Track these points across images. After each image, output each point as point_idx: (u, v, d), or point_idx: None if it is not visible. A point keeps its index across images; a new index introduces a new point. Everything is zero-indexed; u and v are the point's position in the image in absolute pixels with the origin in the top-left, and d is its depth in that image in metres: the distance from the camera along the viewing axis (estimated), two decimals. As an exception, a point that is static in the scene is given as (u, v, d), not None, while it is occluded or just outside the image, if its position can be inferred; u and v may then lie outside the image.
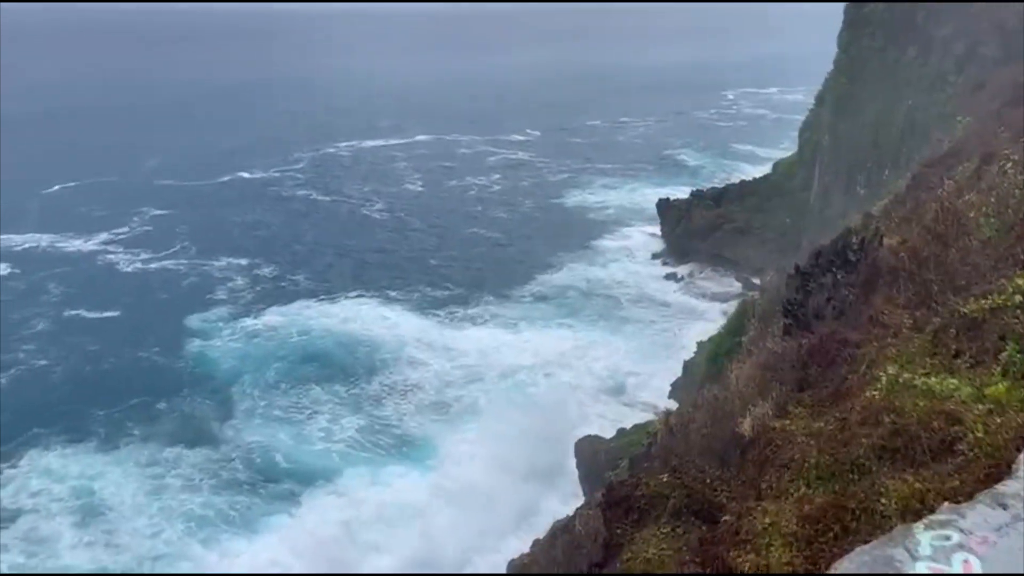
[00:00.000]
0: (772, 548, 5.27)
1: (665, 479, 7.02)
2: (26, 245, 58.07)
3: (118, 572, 23.76)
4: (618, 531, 7.17)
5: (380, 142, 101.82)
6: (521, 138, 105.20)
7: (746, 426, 7.39)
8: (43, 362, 40.76)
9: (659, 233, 59.38)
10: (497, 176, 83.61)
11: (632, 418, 31.75)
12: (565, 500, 26.60)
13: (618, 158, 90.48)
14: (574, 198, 73.62)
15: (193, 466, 32.13)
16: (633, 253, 57.44)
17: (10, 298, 48.20)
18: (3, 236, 59.30)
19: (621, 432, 28.87)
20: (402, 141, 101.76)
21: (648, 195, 69.02)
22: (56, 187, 75.56)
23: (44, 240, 59.19)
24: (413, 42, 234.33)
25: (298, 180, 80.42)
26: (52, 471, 31.80)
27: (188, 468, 32.00)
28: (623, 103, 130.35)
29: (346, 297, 49.10)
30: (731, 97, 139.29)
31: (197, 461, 32.48)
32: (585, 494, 25.25)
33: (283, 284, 51.84)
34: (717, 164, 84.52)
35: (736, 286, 49.34)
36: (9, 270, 53.04)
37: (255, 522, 29.20)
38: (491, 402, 36.72)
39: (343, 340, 42.97)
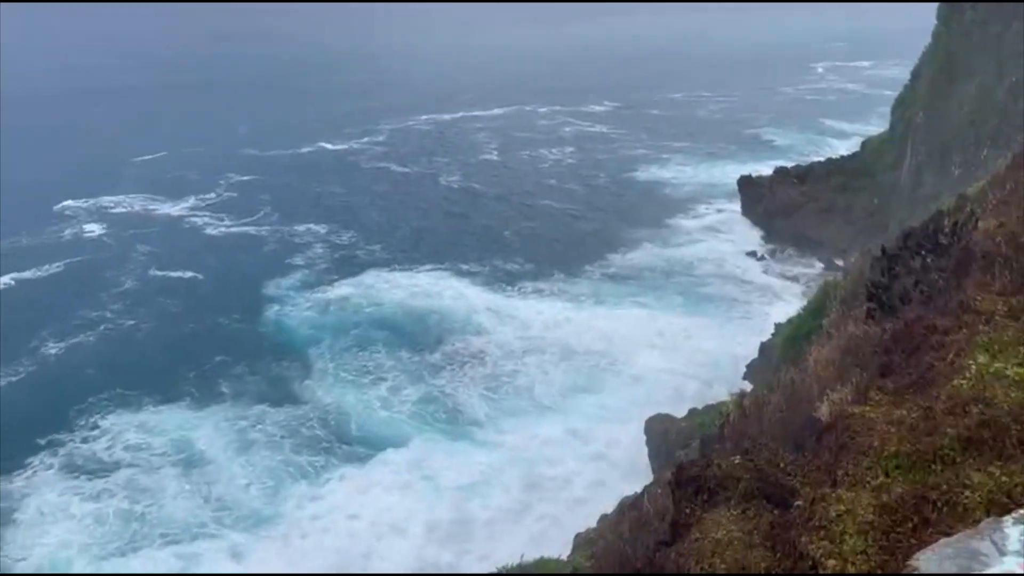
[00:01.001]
0: (847, 536, 5.14)
1: (737, 461, 6.90)
2: (120, 208, 60.86)
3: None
4: (687, 511, 7.09)
5: (459, 115, 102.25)
6: (599, 109, 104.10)
7: (823, 410, 7.20)
8: (130, 321, 42.62)
9: (739, 211, 58.06)
10: (571, 149, 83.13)
11: (704, 398, 31.35)
12: (634, 478, 26.52)
13: (697, 132, 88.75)
14: (650, 173, 72.56)
15: (276, 424, 33.34)
16: (711, 231, 56.31)
17: (102, 257, 50.81)
18: (100, 198, 62.23)
19: (692, 412, 28.51)
20: (481, 113, 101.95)
21: (728, 171, 67.49)
22: (148, 156, 78.87)
23: (136, 203, 61.88)
24: (495, 15, 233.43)
25: (377, 152, 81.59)
26: (148, 426, 33.19)
27: (272, 426, 33.20)
28: (705, 76, 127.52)
29: (419, 267, 49.73)
30: (820, 71, 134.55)
31: (279, 419, 33.68)
32: (654, 472, 25.13)
33: (359, 252, 52.81)
34: (802, 141, 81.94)
35: (818, 267, 47.97)
36: (103, 230, 55.81)
37: (330, 480, 30.16)
38: (555, 379, 36.74)
39: (413, 311, 43.47)
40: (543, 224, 59.02)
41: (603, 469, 29.75)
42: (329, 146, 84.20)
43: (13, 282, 46.18)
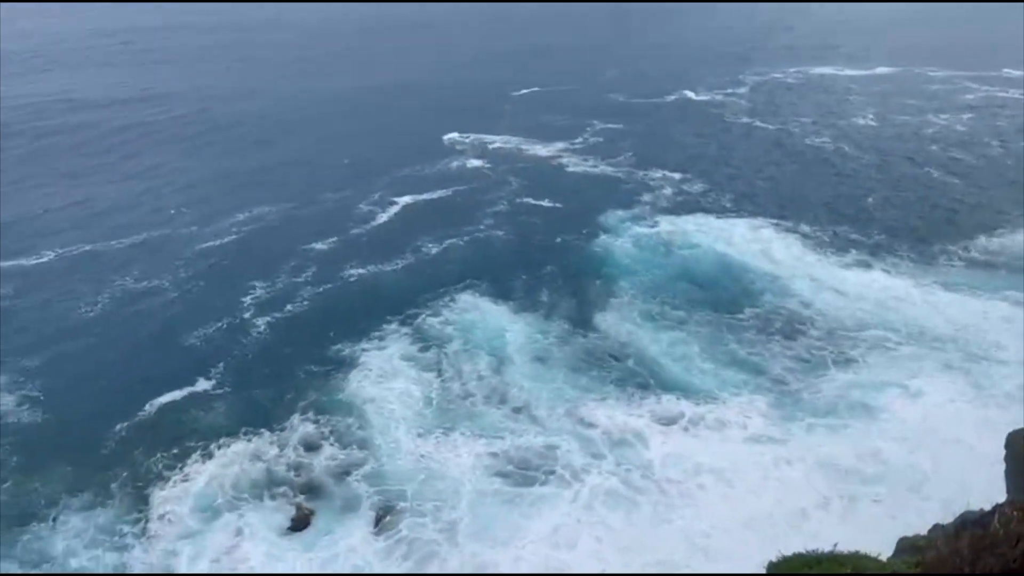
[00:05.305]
0: None
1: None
2: (497, 144, 67.22)
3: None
4: (1047, 543, 6.64)
5: (832, 70, 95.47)
6: (1016, 74, 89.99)
7: None
8: (496, 232, 48.43)
9: None
10: (969, 115, 73.42)
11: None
12: (981, 492, 23.87)
13: None
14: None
15: (575, 347, 35.67)
16: None
17: (483, 185, 57.07)
18: (481, 135, 69.40)
19: (1071, 434, 24.71)
20: (859, 72, 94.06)
21: None
22: (524, 91, 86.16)
23: (512, 142, 67.77)
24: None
25: (740, 105, 79.50)
26: (479, 310, 38.68)
27: (567, 346, 35.71)
28: None
29: (758, 223, 48.43)
30: None
31: (575, 339, 36.17)
32: (1008, 491, 22.48)
33: (701, 200, 52.84)
34: None
35: None
36: (484, 164, 62.19)
37: (614, 405, 31.49)
38: (893, 362, 33.67)
39: (744, 267, 42.58)
40: (913, 194, 53.54)
41: (944, 473, 26.91)
42: (692, 95, 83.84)
43: (411, 200, 54.12)
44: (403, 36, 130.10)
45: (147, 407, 31.44)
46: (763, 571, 18.81)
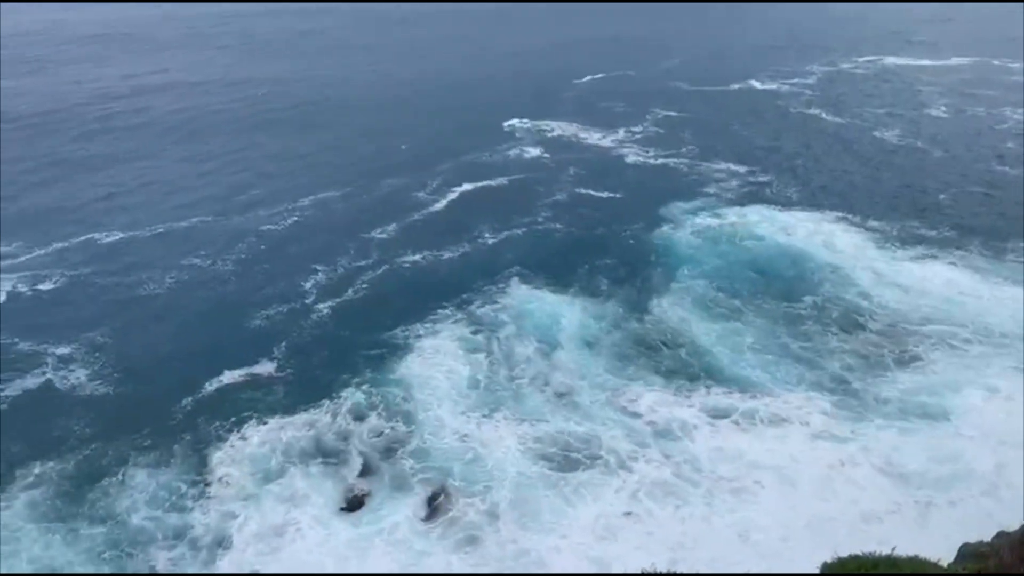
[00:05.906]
0: None
1: None
2: (557, 132, 66.83)
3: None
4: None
5: (906, 60, 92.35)
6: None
7: None
8: (553, 224, 48.10)
9: None
10: (1049, 109, 70.32)
11: None
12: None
13: None
14: None
15: (627, 334, 35.62)
16: None
17: (540, 175, 56.74)
18: (540, 121, 69.21)
19: None
20: (932, 63, 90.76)
21: None
22: (587, 78, 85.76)
23: (571, 129, 67.38)
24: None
25: (807, 95, 77.51)
26: (537, 297, 38.83)
27: (619, 332, 35.71)
28: None
29: (825, 217, 47.47)
30: None
31: (627, 325, 36.20)
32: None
33: (767, 193, 51.95)
34: None
35: None
36: (542, 152, 61.90)
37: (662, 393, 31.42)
38: (963, 360, 32.56)
39: (807, 257, 41.84)
40: (986, 189, 51.71)
41: (1019, 478, 25.83)
42: (758, 85, 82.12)
43: (470, 187, 54.38)
44: (468, 25, 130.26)
45: (210, 384, 32.45)
46: (817, 572, 18.45)
